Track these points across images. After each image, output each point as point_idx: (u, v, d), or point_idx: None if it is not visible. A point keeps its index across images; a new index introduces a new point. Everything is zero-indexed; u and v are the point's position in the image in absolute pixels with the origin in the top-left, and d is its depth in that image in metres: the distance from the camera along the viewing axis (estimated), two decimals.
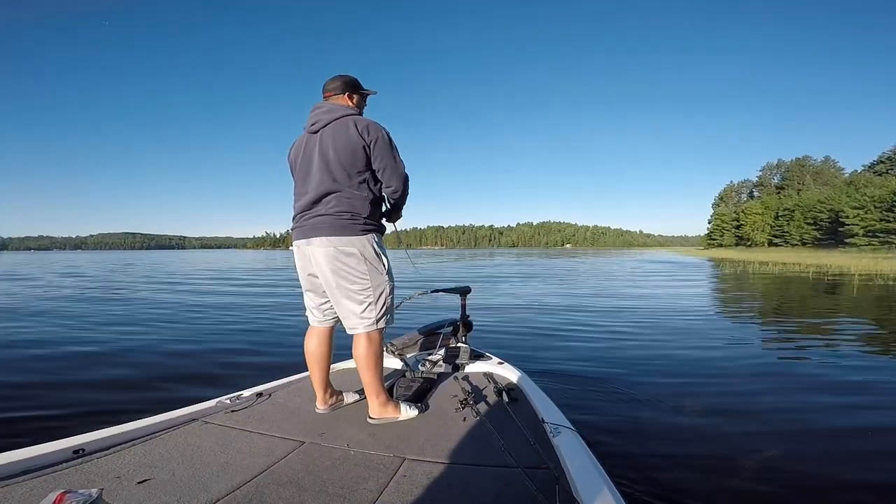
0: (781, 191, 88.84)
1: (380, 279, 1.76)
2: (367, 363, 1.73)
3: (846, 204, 58.92)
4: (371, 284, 1.73)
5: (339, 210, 1.70)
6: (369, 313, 1.73)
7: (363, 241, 1.73)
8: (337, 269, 1.71)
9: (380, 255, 1.77)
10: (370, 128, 1.73)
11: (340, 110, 1.78)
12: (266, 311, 7.57)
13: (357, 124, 1.72)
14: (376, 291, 1.74)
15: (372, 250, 1.74)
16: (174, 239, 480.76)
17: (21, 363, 4.10)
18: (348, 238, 1.70)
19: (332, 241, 1.70)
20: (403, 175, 1.83)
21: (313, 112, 1.83)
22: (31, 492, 1.13)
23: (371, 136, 1.72)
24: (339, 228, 1.70)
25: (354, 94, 1.89)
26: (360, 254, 1.71)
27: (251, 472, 1.30)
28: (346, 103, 1.85)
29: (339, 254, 1.70)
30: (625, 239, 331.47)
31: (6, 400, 3.03)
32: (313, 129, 1.78)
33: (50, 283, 14.07)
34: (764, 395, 3.19)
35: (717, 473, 2.09)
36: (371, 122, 1.76)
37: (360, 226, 1.73)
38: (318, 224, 1.72)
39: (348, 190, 1.71)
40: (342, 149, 1.70)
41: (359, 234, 1.72)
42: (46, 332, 5.60)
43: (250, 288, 12.54)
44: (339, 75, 1.88)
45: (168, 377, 3.63)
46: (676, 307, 7.94)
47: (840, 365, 4.00)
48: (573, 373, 3.68)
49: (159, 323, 6.35)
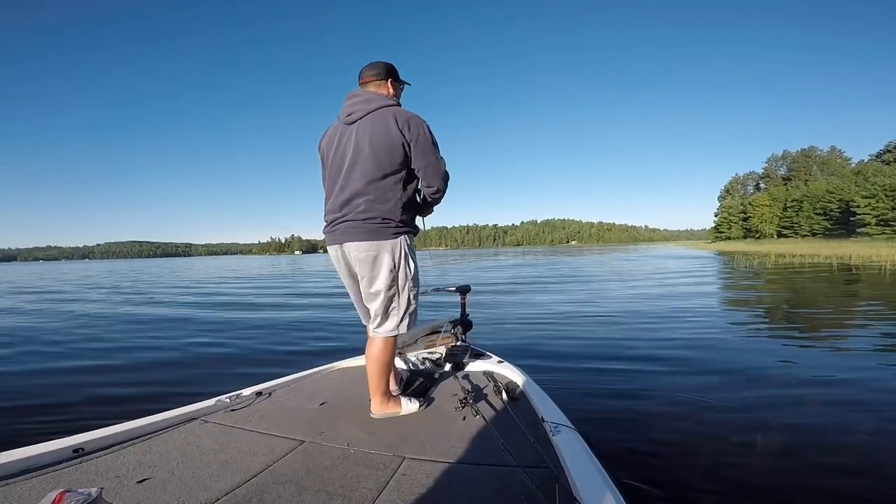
0: (788, 182, 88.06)
1: (407, 285, 1.70)
2: (378, 364, 1.71)
3: (856, 193, 58.15)
4: (398, 290, 1.69)
5: (369, 215, 1.62)
6: (392, 319, 1.70)
7: (394, 246, 1.65)
8: (366, 272, 1.67)
9: (409, 260, 1.70)
10: (411, 123, 1.61)
11: (379, 100, 1.66)
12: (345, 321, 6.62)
13: (397, 118, 1.60)
14: (402, 297, 1.70)
15: (402, 255, 1.67)
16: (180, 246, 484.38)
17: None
18: (378, 243, 1.64)
19: (363, 245, 1.64)
20: (445, 174, 1.73)
21: (349, 101, 1.70)
22: (31, 491, 1.13)
23: (412, 133, 1.60)
24: (370, 233, 1.63)
25: (395, 82, 1.77)
26: (392, 258, 1.65)
27: (251, 471, 1.30)
28: (386, 91, 1.74)
29: (370, 258, 1.65)
30: (630, 234, 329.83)
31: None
32: (349, 121, 1.67)
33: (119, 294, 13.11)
34: (773, 397, 3.10)
35: (718, 473, 2.06)
36: (412, 116, 1.64)
37: (392, 229, 1.65)
38: (349, 228, 1.65)
39: (381, 192, 1.62)
40: (379, 146, 1.59)
41: (390, 238, 1.65)
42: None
43: (306, 297, 11.16)
44: (377, 61, 1.76)
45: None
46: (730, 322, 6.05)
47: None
48: (573, 372, 3.64)
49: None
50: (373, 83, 1.73)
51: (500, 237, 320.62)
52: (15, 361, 4.63)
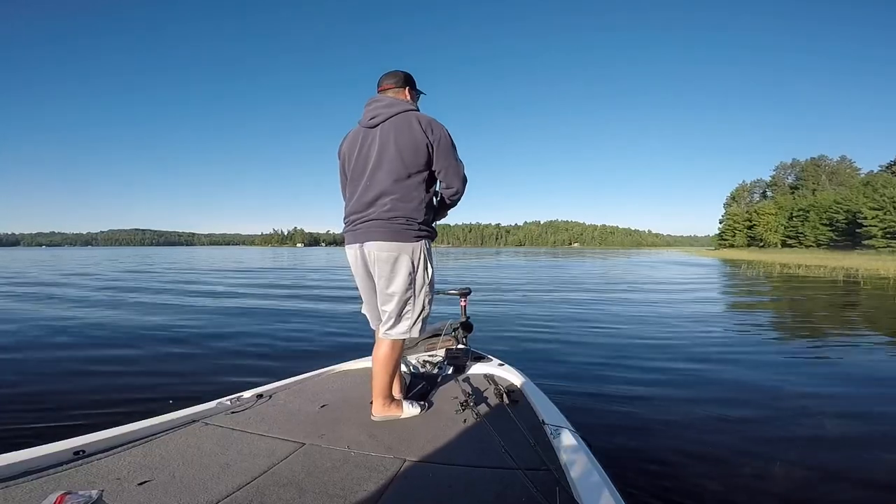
0: (796, 191, 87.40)
1: (423, 290, 1.72)
2: (384, 366, 1.71)
3: (864, 205, 57.60)
4: (414, 294, 1.70)
5: (394, 214, 1.64)
6: (405, 322, 1.71)
7: (415, 249, 1.67)
8: (385, 272, 1.68)
9: (427, 265, 1.72)
10: (433, 125, 1.67)
11: (401, 104, 1.71)
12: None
13: (420, 121, 1.66)
14: (417, 301, 1.71)
15: (421, 258, 1.69)
16: (183, 235, 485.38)
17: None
18: (400, 244, 1.65)
19: (384, 245, 1.65)
20: (464, 177, 1.77)
21: (370, 106, 1.75)
22: (31, 493, 1.13)
23: (435, 135, 1.65)
24: (393, 233, 1.65)
25: (412, 91, 1.82)
26: (411, 261, 1.67)
27: (252, 473, 1.30)
28: (406, 98, 1.78)
29: (391, 258, 1.66)
30: (633, 238, 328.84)
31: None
32: (372, 124, 1.70)
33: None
34: (773, 400, 3.12)
35: (718, 475, 2.07)
36: (433, 120, 1.70)
37: (415, 231, 1.67)
38: (372, 228, 1.66)
39: (406, 191, 1.65)
40: (405, 146, 1.63)
41: (412, 241, 1.67)
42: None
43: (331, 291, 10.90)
44: (396, 70, 1.81)
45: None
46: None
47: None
48: (574, 374, 3.63)
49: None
50: (392, 90, 1.78)
51: (502, 237, 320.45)
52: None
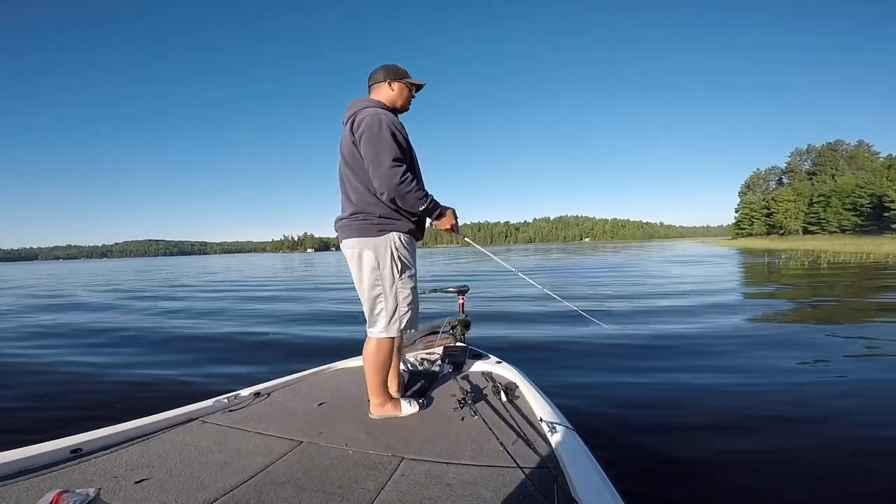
0: (813, 176, 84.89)
1: (395, 286, 1.67)
2: (371, 365, 1.69)
3: (889, 187, 55.51)
4: (383, 291, 1.67)
5: (354, 210, 1.66)
6: (380, 321, 1.68)
7: (379, 244, 1.64)
8: (354, 270, 1.69)
9: (396, 260, 1.65)
10: (360, 118, 1.61)
11: (360, 104, 1.69)
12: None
13: (356, 117, 1.62)
14: (388, 299, 1.67)
15: (389, 252, 1.64)
16: (196, 245, 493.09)
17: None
18: (361, 240, 1.64)
19: (352, 242, 1.67)
20: (387, 174, 1.53)
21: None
22: (29, 491, 1.14)
23: (360, 131, 1.59)
24: (354, 230, 1.65)
25: (396, 82, 1.75)
26: (374, 256, 1.64)
27: (249, 471, 1.30)
28: (384, 93, 1.75)
29: (355, 255, 1.67)
30: (645, 231, 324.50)
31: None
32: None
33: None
34: (768, 397, 2.97)
35: (716, 474, 2.03)
36: (370, 112, 1.60)
37: (376, 226, 1.64)
38: (342, 227, 1.70)
39: (360, 189, 1.64)
40: (344, 147, 1.67)
41: (374, 236, 1.64)
42: None
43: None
44: (379, 66, 1.78)
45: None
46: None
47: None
48: (574, 375, 3.58)
49: None
50: (373, 88, 1.78)
51: (511, 234, 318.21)
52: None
